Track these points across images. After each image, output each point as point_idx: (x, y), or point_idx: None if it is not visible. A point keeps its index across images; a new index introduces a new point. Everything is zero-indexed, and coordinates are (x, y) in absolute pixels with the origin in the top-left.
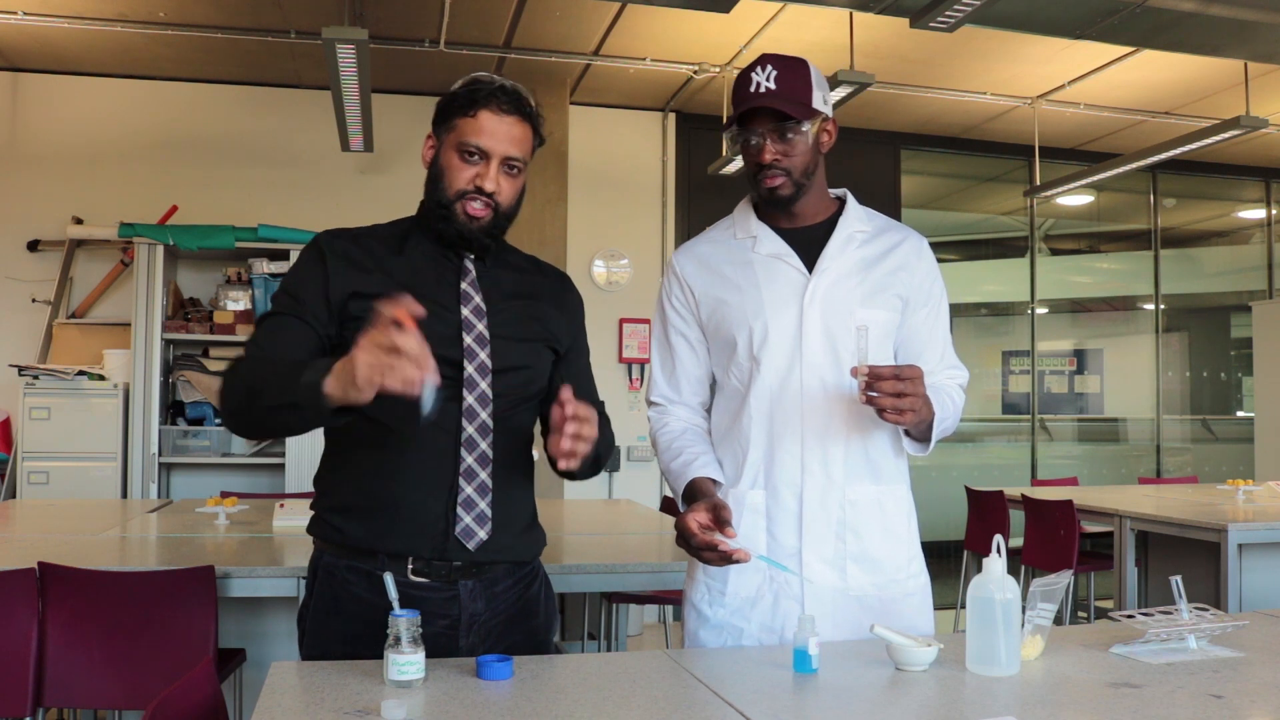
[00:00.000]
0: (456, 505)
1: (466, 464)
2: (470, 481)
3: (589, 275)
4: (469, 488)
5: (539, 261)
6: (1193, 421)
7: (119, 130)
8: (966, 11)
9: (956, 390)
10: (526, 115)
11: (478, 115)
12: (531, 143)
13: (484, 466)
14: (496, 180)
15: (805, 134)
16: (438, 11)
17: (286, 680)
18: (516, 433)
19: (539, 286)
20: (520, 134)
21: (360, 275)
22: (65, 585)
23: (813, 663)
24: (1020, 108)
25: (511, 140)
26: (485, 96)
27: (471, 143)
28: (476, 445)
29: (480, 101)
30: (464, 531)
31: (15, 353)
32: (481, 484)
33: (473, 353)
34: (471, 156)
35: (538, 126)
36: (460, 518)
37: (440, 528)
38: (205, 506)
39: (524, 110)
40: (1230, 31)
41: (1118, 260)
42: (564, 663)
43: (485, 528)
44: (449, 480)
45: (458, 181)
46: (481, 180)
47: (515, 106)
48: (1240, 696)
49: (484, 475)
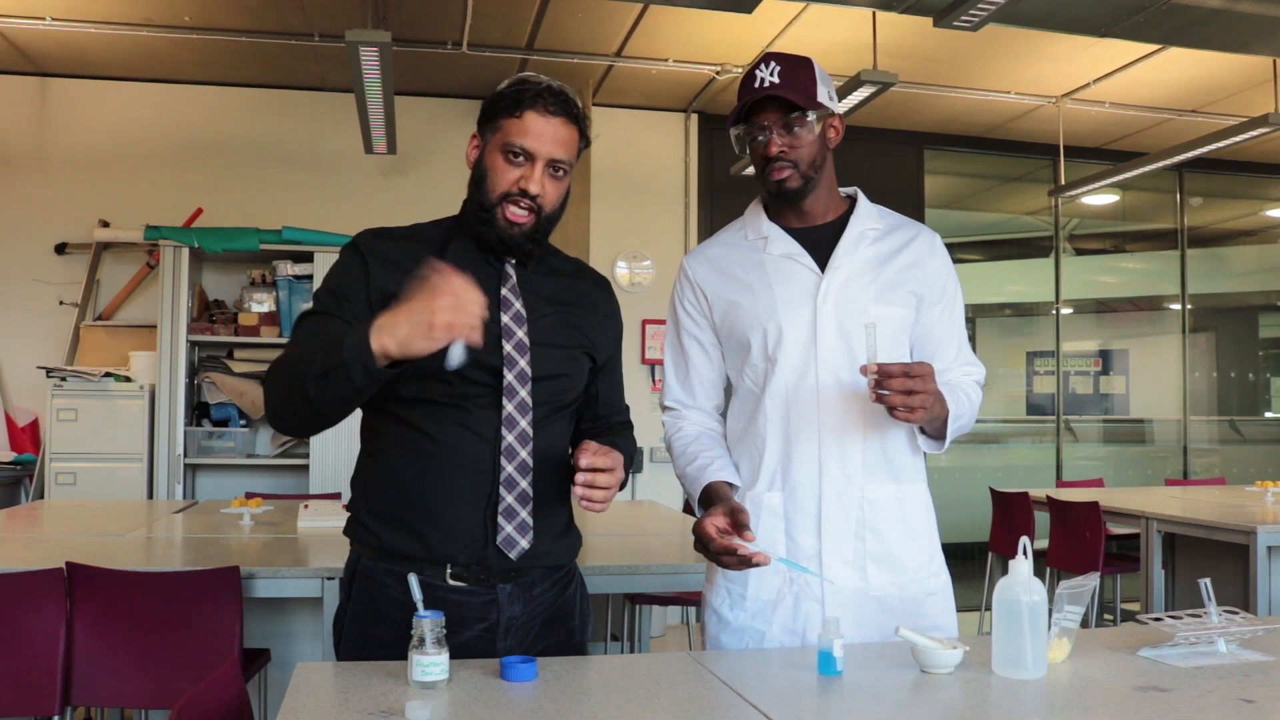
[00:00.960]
0: (497, 514)
1: (507, 472)
2: (511, 490)
3: (612, 276)
4: (510, 496)
5: (583, 265)
6: (1220, 422)
7: (144, 134)
8: (990, 10)
9: (973, 387)
10: (573, 117)
11: (524, 116)
12: (577, 145)
13: (524, 475)
14: (541, 183)
15: (811, 125)
16: (460, 13)
17: (311, 681)
18: (554, 439)
19: (580, 293)
20: (566, 136)
21: (400, 276)
22: (93, 585)
23: (837, 665)
24: (1045, 107)
25: (557, 142)
26: (532, 97)
27: (517, 144)
28: (516, 454)
29: (526, 102)
30: (505, 541)
31: (43, 355)
32: (522, 493)
33: (512, 360)
34: (516, 158)
35: (584, 128)
36: (501, 527)
37: (479, 536)
38: (230, 507)
39: (571, 112)
40: (1258, 28)
41: (1143, 260)
42: (587, 664)
43: (527, 536)
44: (489, 489)
45: (502, 183)
46: (526, 182)
47: (562, 108)
48: (1272, 701)
49: (524, 484)
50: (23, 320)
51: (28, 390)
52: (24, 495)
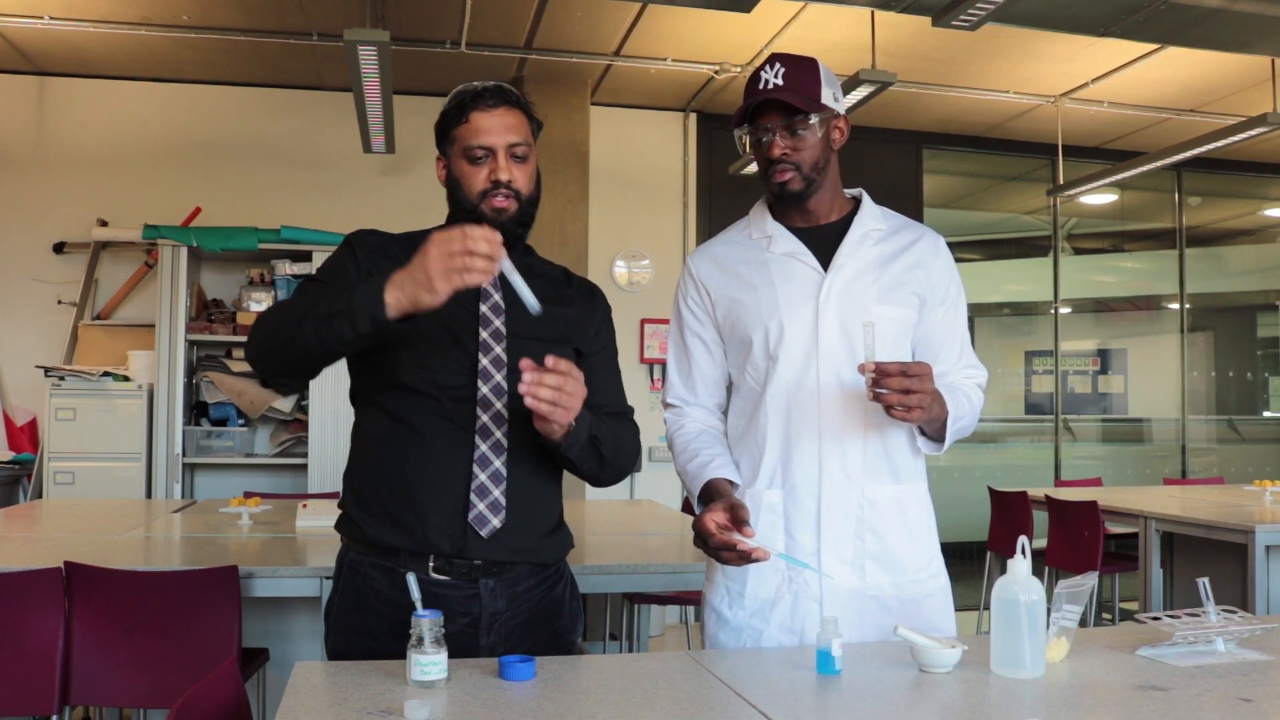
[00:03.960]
0: (470, 492)
1: (480, 451)
2: (484, 469)
3: (610, 276)
4: (483, 475)
5: (569, 273)
6: (1218, 422)
7: (143, 133)
8: (989, 10)
9: (975, 390)
10: (514, 103)
11: (470, 119)
12: (529, 126)
13: (498, 454)
14: (509, 169)
15: (814, 128)
16: (459, 13)
17: (310, 680)
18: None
19: (565, 296)
20: (514, 121)
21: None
22: (91, 585)
23: (836, 664)
24: (1043, 106)
25: (507, 129)
26: (471, 99)
27: (474, 144)
28: (491, 433)
29: (468, 106)
30: (477, 518)
31: (41, 354)
32: (495, 472)
33: (488, 346)
34: (479, 158)
35: (529, 111)
36: (474, 504)
37: (459, 524)
38: (229, 507)
39: (509, 99)
40: (1256, 27)
41: (1142, 259)
42: (586, 663)
43: (499, 515)
44: (464, 470)
45: (476, 184)
46: (495, 174)
47: (500, 98)
48: (1270, 700)
49: (498, 463)
50: (21, 319)
51: (26, 389)
52: (22, 495)
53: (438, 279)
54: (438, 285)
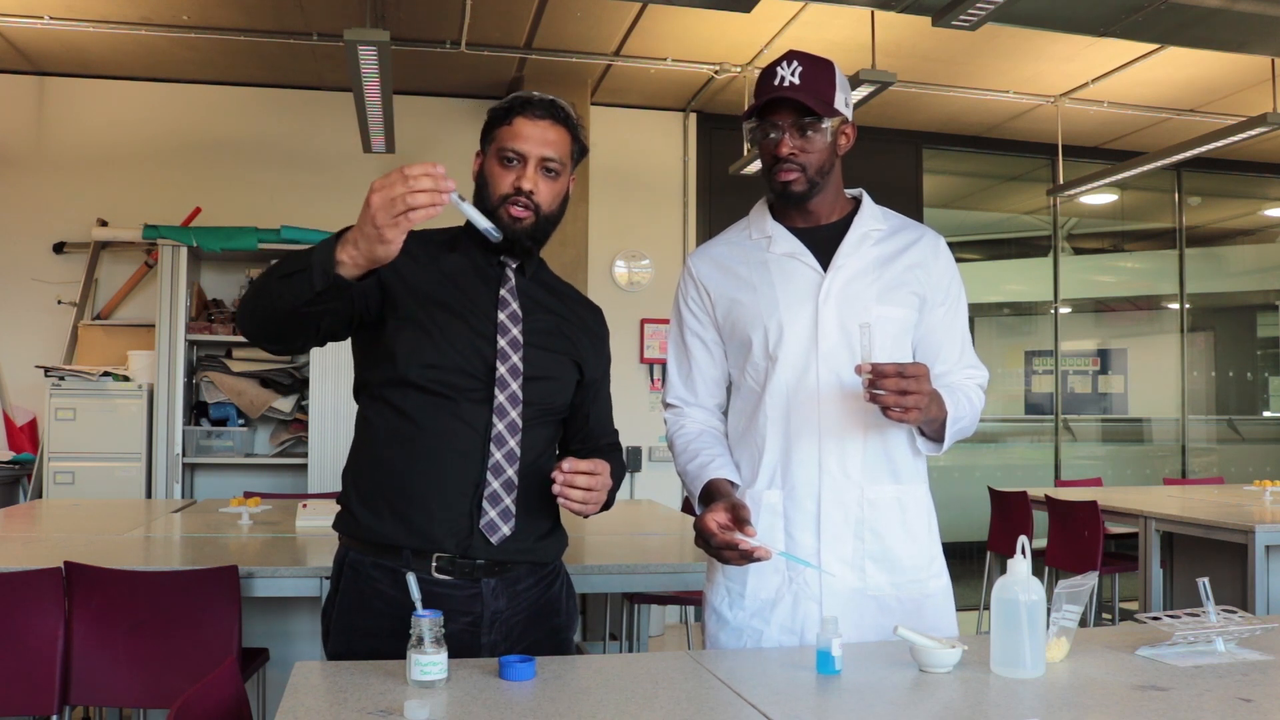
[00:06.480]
0: (482, 499)
1: (495, 459)
2: (498, 477)
3: (610, 275)
4: (495, 482)
5: (575, 290)
6: (1218, 421)
7: (143, 133)
8: (989, 10)
9: (975, 390)
10: (561, 120)
11: (513, 123)
12: (569, 147)
13: (511, 463)
14: (535, 180)
15: (824, 131)
16: (459, 13)
17: (310, 680)
18: (541, 444)
19: (571, 310)
20: (555, 137)
21: (406, 260)
22: (91, 585)
23: (835, 664)
24: (1043, 106)
25: (545, 142)
26: (520, 105)
27: (509, 148)
28: (505, 442)
29: (515, 110)
30: (488, 525)
31: (41, 354)
32: (508, 480)
33: (505, 354)
34: (510, 161)
35: (575, 133)
36: (485, 511)
37: (465, 524)
38: (229, 507)
39: (557, 114)
40: (1256, 27)
41: (1142, 259)
42: (586, 663)
43: (509, 523)
44: (476, 477)
45: (500, 187)
46: (520, 181)
47: (549, 111)
48: (1270, 700)
49: (511, 472)
50: (21, 319)
51: (26, 389)
52: (22, 495)
53: (386, 228)
54: (387, 235)
